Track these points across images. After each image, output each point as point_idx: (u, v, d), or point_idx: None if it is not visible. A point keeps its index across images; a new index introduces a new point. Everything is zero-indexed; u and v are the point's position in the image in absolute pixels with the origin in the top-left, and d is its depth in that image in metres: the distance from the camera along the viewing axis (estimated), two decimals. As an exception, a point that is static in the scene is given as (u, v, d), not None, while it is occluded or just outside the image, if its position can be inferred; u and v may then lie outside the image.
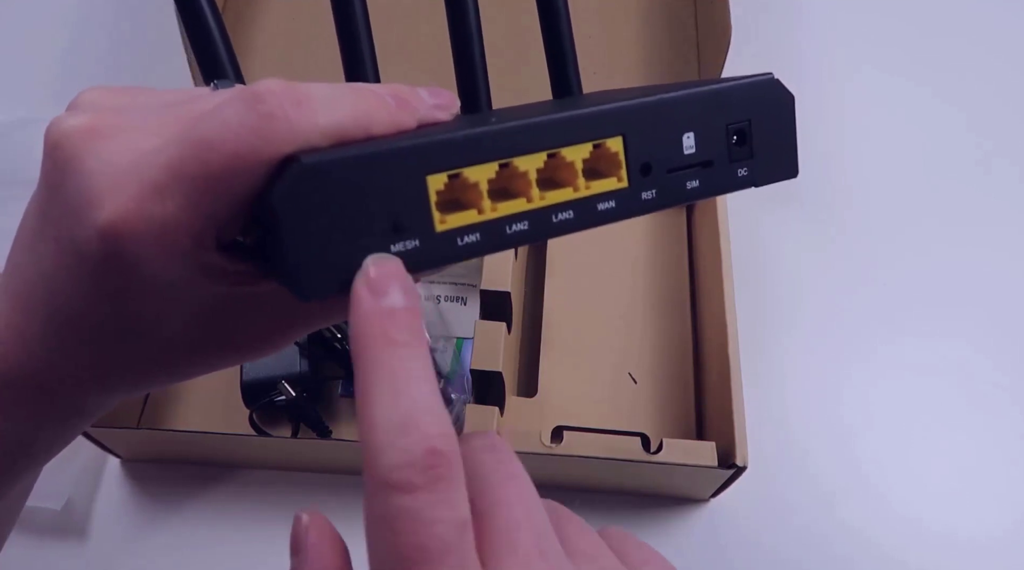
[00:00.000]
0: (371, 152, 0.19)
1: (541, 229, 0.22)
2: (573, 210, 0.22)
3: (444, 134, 0.20)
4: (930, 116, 0.67)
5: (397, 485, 0.17)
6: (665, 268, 0.58)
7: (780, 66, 0.69)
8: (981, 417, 0.55)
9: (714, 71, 0.57)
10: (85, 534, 0.50)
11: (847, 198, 0.62)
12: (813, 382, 0.55)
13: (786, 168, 0.25)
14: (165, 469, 0.52)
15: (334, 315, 0.26)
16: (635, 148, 0.23)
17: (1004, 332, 0.58)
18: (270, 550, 0.49)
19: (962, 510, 0.52)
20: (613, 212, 0.23)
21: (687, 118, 0.23)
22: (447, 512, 0.17)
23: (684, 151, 0.23)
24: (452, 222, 0.20)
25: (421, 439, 0.17)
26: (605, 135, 0.22)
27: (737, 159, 0.24)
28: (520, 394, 0.53)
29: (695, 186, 0.23)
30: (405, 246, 0.20)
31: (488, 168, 0.21)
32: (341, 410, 0.53)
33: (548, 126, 0.22)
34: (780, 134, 0.24)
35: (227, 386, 0.53)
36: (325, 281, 0.19)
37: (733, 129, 0.24)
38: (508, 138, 0.21)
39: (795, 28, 0.71)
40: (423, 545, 0.17)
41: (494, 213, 0.21)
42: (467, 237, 0.21)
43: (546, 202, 0.22)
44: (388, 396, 0.17)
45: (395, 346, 0.18)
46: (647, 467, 0.46)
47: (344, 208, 0.19)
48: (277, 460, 0.51)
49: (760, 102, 0.24)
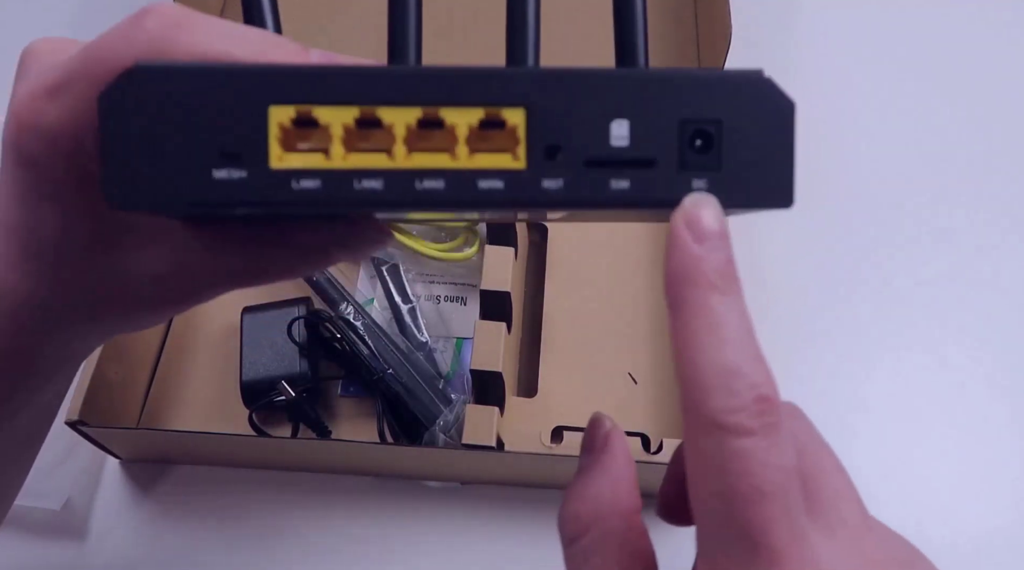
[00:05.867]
0: (211, 67, 0.18)
1: (399, 194, 0.19)
2: (445, 181, 0.19)
3: (313, 66, 0.18)
4: (930, 117, 0.67)
5: (731, 428, 0.17)
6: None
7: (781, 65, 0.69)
8: (982, 417, 0.54)
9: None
10: (84, 534, 0.50)
11: (847, 198, 0.62)
12: (813, 382, 0.55)
13: (774, 193, 0.20)
14: (165, 469, 0.52)
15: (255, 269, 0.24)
16: (541, 124, 0.19)
17: (1006, 332, 0.57)
18: (270, 550, 0.49)
19: (963, 512, 0.51)
20: (500, 195, 0.19)
21: (621, 101, 0.19)
22: (780, 459, 0.17)
23: (611, 141, 0.19)
24: (291, 161, 0.18)
25: (751, 386, 0.17)
26: (503, 102, 0.19)
27: (693, 166, 0.19)
28: (520, 394, 0.53)
29: (623, 188, 0.19)
30: (230, 175, 0.18)
31: (345, 112, 0.18)
32: (341, 410, 0.53)
33: (430, 78, 0.19)
34: (769, 148, 0.19)
35: (227, 386, 0.53)
36: (139, 193, 0.18)
37: (692, 128, 0.19)
38: (377, 83, 0.18)
39: (796, 28, 0.71)
40: (758, 486, 0.17)
41: (344, 162, 0.19)
42: (305, 182, 0.18)
43: (411, 164, 0.19)
44: (715, 341, 0.17)
45: (718, 292, 0.18)
46: (647, 467, 0.46)
47: (173, 121, 0.18)
48: (277, 460, 0.51)
49: (740, 102, 0.19)
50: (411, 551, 0.49)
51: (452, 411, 0.49)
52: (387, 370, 0.50)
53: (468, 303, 0.56)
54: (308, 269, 0.25)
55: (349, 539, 0.49)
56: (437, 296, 0.56)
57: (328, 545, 0.49)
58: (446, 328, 0.55)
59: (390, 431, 0.50)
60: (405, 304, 0.55)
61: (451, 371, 0.54)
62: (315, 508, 0.50)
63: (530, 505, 0.50)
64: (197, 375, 0.54)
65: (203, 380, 0.54)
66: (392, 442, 0.50)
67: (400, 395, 0.50)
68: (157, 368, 0.54)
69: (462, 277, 0.57)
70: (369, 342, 0.51)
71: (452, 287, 0.57)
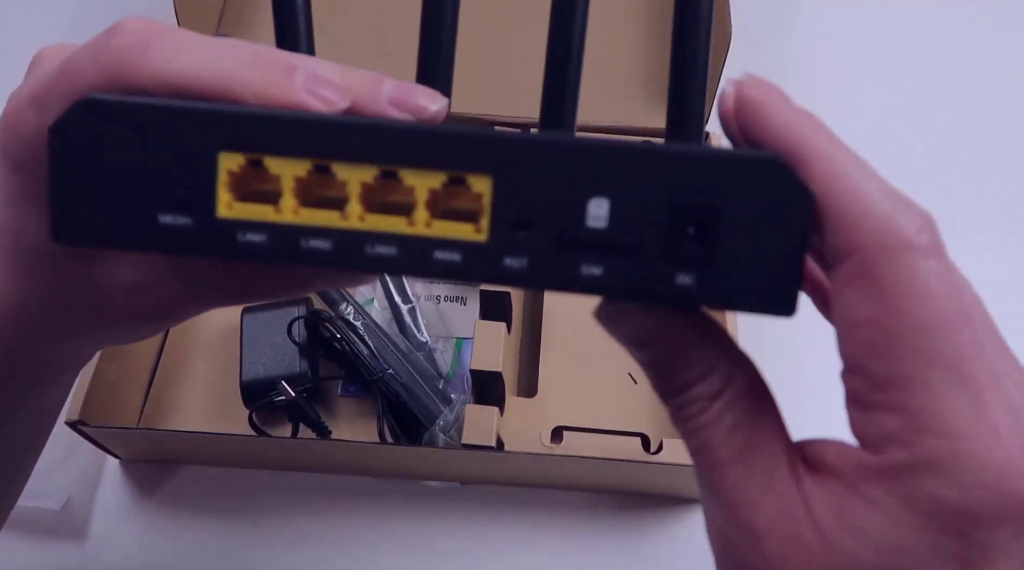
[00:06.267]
0: (161, 106, 0.17)
1: (347, 256, 0.17)
2: (398, 247, 0.17)
3: (263, 111, 0.17)
4: (930, 117, 0.67)
5: (924, 249, 0.17)
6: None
7: (781, 65, 0.69)
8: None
9: (714, 71, 0.56)
10: (84, 534, 0.50)
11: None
12: (812, 383, 0.55)
13: (774, 300, 0.17)
14: (165, 469, 0.52)
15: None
16: (509, 195, 0.17)
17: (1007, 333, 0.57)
18: (270, 550, 0.49)
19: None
20: (456, 268, 0.17)
21: (600, 177, 0.17)
22: (961, 281, 0.17)
23: (587, 221, 0.17)
24: (239, 212, 0.18)
25: (921, 212, 0.17)
26: (468, 168, 0.17)
27: (682, 259, 0.17)
28: (520, 394, 0.53)
29: (594, 274, 0.17)
30: (175, 220, 0.18)
31: (298, 164, 0.17)
32: (341, 410, 0.53)
33: (391, 134, 0.17)
34: (775, 246, 0.17)
35: (227, 386, 0.53)
36: (82, 231, 0.18)
37: (687, 214, 0.17)
38: (334, 136, 0.17)
39: (796, 28, 0.71)
40: (958, 313, 0.17)
41: (294, 217, 0.17)
42: (251, 235, 0.18)
43: (364, 225, 0.17)
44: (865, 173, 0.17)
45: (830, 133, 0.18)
46: (647, 467, 0.46)
47: (120, 160, 0.17)
48: (277, 460, 0.51)
49: (747, 188, 0.17)
50: (411, 551, 0.49)
51: (452, 411, 0.49)
52: (387, 370, 0.50)
53: (468, 303, 0.56)
54: (290, 293, 0.25)
55: (349, 539, 0.49)
56: (437, 296, 0.56)
57: (328, 545, 0.49)
58: (446, 328, 0.55)
59: (390, 431, 0.50)
60: (405, 304, 0.55)
61: (451, 371, 0.54)
62: (315, 508, 0.50)
63: (530, 505, 0.50)
64: (197, 375, 0.54)
65: (203, 380, 0.54)
66: (392, 442, 0.50)
67: (400, 395, 0.50)
68: (157, 368, 0.54)
69: (462, 277, 0.57)
70: (369, 342, 0.51)
71: (452, 287, 0.57)
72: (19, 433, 0.28)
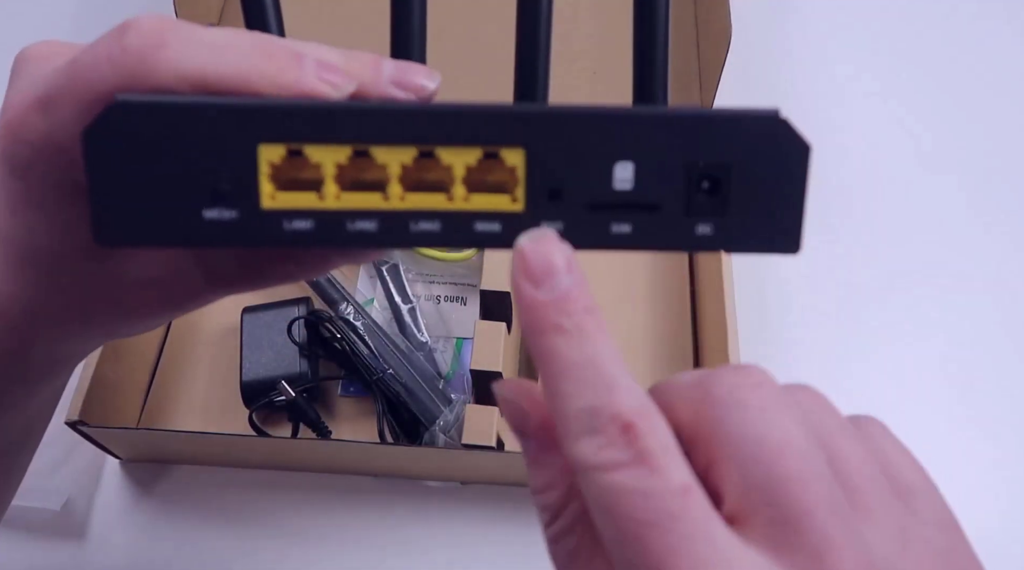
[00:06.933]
0: (195, 103, 0.18)
1: (394, 235, 0.18)
2: (441, 222, 0.18)
3: (302, 102, 0.18)
4: (930, 117, 0.67)
5: (602, 466, 0.16)
6: (665, 269, 0.58)
7: (780, 65, 0.69)
8: (982, 418, 0.54)
9: (714, 71, 0.56)
10: (84, 535, 0.50)
11: (847, 200, 0.62)
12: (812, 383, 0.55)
13: (781, 239, 0.19)
14: (164, 470, 0.52)
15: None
16: (541, 166, 0.18)
17: (1007, 332, 0.57)
18: (270, 550, 0.49)
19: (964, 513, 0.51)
20: (497, 238, 0.18)
21: (624, 143, 0.18)
22: (659, 482, 0.16)
23: (614, 184, 0.18)
24: (283, 201, 0.18)
25: (613, 418, 0.17)
26: (501, 142, 0.18)
27: (699, 212, 0.19)
28: (520, 394, 0.53)
29: (624, 232, 0.19)
30: (221, 215, 0.18)
31: (338, 151, 0.18)
32: (341, 410, 0.53)
33: (425, 116, 0.18)
34: (780, 193, 0.19)
35: (226, 386, 0.53)
36: (127, 232, 0.18)
37: (701, 171, 0.18)
38: (370, 122, 0.18)
39: (796, 28, 0.71)
40: (645, 520, 0.16)
41: (337, 203, 0.18)
42: (297, 223, 0.18)
43: (406, 205, 0.18)
44: (571, 385, 0.17)
45: (566, 334, 0.17)
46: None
47: (160, 158, 0.18)
48: (277, 460, 0.51)
49: (753, 144, 0.18)
50: (411, 551, 0.49)
51: (452, 411, 0.49)
52: (387, 370, 0.50)
53: (468, 303, 0.56)
54: (307, 275, 0.25)
55: (349, 539, 0.49)
56: (437, 296, 0.56)
57: (328, 545, 0.49)
58: (446, 328, 0.55)
59: (390, 431, 0.50)
60: (405, 304, 0.55)
61: (451, 371, 0.54)
62: (315, 508, 0.50)
63: (530, 505, 0.50)
64: (197, 375, 0.54)
65: (203, 380, 0.54)
66: (392, 442, 0.50)
67: (400, 395, 0.50)
68: (157, 368, 0.54)
69: (462, 277, 0.57)
70: (369, 342, 0.51)
71: (452, 287, 0.57)
72: (13, 429, 0.28)
